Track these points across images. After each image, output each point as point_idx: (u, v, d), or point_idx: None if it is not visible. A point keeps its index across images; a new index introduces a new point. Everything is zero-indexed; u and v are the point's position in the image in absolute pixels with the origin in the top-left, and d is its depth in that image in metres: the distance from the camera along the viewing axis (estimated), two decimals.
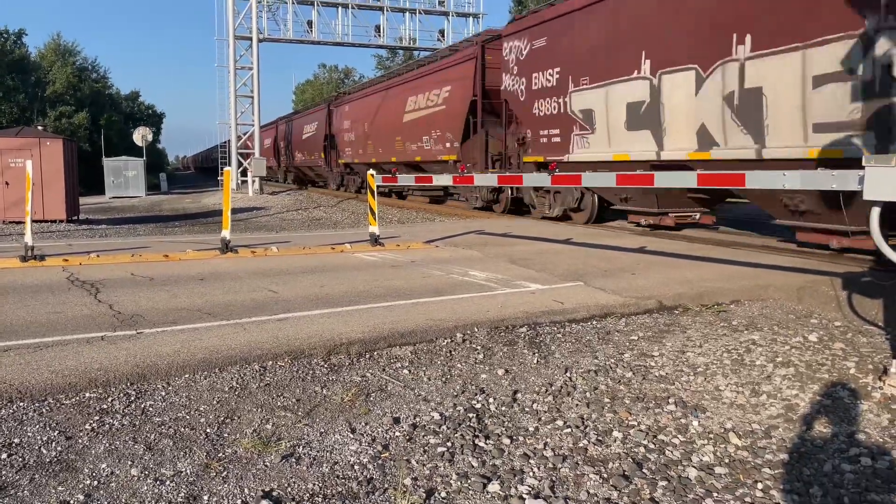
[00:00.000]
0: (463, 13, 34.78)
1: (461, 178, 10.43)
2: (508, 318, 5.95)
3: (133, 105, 63.40)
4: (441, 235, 12.36)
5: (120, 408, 3.89)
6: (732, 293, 7.03)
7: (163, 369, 4.45)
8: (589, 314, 6.20)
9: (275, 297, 6.75)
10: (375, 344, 5.20)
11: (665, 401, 4.11)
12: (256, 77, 32.53)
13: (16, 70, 38.94)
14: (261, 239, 12.35)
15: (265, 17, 32.03)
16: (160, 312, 5.96)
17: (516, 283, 7.63)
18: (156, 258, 9.12)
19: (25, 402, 3.91)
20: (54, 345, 4.91)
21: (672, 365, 4.80)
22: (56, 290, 6.86)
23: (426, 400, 4.13)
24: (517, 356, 5.01)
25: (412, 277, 7.97)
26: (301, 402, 4.06)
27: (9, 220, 17.02)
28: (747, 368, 4.70)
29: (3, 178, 17.11)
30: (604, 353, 5.06)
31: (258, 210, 24.81)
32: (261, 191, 32.61)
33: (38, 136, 18.09)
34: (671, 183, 7.00)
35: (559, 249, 10.46)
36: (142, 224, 19.32)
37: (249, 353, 4.83)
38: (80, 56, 48.82)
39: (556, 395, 4.22)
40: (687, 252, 9.90)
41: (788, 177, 5.09)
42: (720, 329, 5.74)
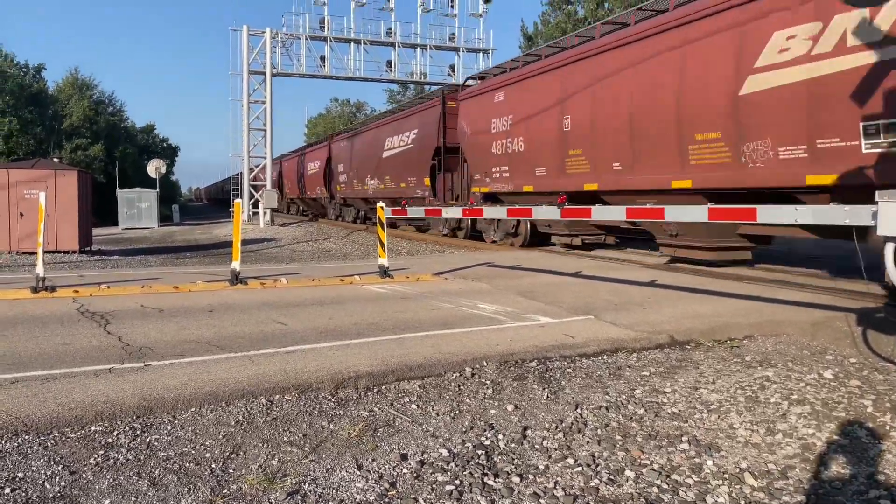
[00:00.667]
0: (473, 49, 35.24)
1: (471, 210, 10.48)
2: (518, 353, 5.89)
3: (148, 137, 64.22)
4: (450, 267, 12.34)
5: (125, 442, 3.85)
6: (745, 328, 6.95)
7: (169, 402, 4.42)
8: (599, 349, 6.14)
9: (283, 329, 6.72)
10: (384, 377, 5.15)
11: (678, 439, 4.03)
12: (269, 111, 32.98)
13: (34, 103, 39.60)
14: (271, 270, 12.38)
15: (279, 52, 32.59)
16: (168, 344, 5.95)
17: (526, 316, 7.58)
18: (166, 289, 9.13)
19: (31, 435, 3.88)
20: (62, 377, 4.89)
21: (685, 402, 4.71)
22: (66, 322, 6.87)
23: (434, 436, 4.07)
24: (527, 391, 4.94)
25: (421, 310, 7.93)
26: (308, 437, 4.01)
27: (22, 251, 17.16)
28: (762, 406, 4.61)
29: (18, 209, 17.29)
30: (615, 389, 4.99)
31: (269, 241, 24.92)
32: (272, 222, 32.82)
33: (53, 168, 18.31)
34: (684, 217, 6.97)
35: (568, 282, 10.41)
36: (153, 255, 19.42)
37: (257, 386, 4.79)
38: (97, 90, 49.65)
39: (566, 432, 4.14)
40: (698, 286, 9.82)
41: (801, 212, 5.05)
42: (733, 365, 5.65)
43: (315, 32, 32.70)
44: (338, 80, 34.83)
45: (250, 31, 32.11)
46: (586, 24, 35.52)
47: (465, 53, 35.10)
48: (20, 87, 38.59)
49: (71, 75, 47.35)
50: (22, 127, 36.98)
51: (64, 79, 47.24)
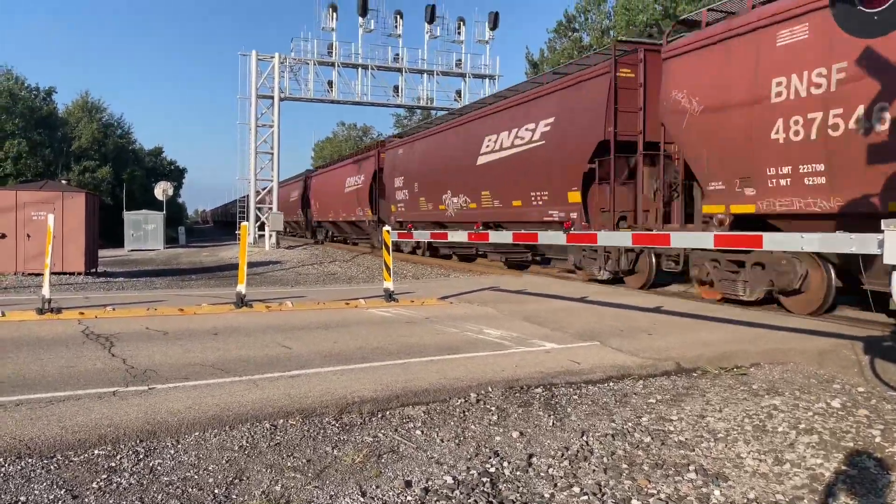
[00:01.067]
0: (479, 74, 35.58)
1: (476, 234, 10.49)
2: (523, 378, 5.86)
3: (155, 160, 64.74)
4: (455, 292, 12.33)
5: (128, 466, 3.83)
6: (752, 356, 6.90)
7: (173, 426, 4.40)
8: (605, 375, 6.10)
9: (288, 352, 6.71)
10: (388, 403, 5.13)
11: (685, 468, 3.99)
12: (277, 134, 33.25)
13: (43, 126, 40.04)
14: (276, 293, 12.38)
15: (287, 77, 32.96)
16: (173, 368, 5.94)
17: (531, 341, 7.55)
18: (171, 312, 9.14)
19: (34, 459, 3.87)
20: (66, 399, 4.89)
21: (692, 430, 4.67)
22: (71, 344, 6.87)
23: (439, 462, 4.04)
24: (532, 418, 4.91)
25: (426, 334, 7.91)
26: (311, 463, 3.98)
27: (28, 272, 17.22)
28: (769, 435, 4.57)
29: (25, 230, 17.39)
30: (621, 417, 4.95)
31: (274, 264, 24.96)
32: (277, 245, 32.91)
33: (61, 189, 18.45)
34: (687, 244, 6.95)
35: (574, 307, 10.38)
36: (159, 277, 19.46)
37: (261, 410, 4.77)
38: (107, 112, 50.23)
39: (572, 460, 4.11)
40: (704, 313, 9.78)
41: (807, 239, 5.04)
42: (740, 393, 5.61)
43: (323, 58, 33.08)
44: (345, 105, 35.17)
45: (259, 56, 32.50)
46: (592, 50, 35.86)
47: (472, 79, 35.45)
48: (30, 109, 39.04)
49: (81, 98, 47.94)
50: (31, 149, 37.35)
51: (74, 102, 47.87)
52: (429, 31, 34.36)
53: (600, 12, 40.60)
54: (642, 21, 34.92)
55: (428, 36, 34.44)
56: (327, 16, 33.04)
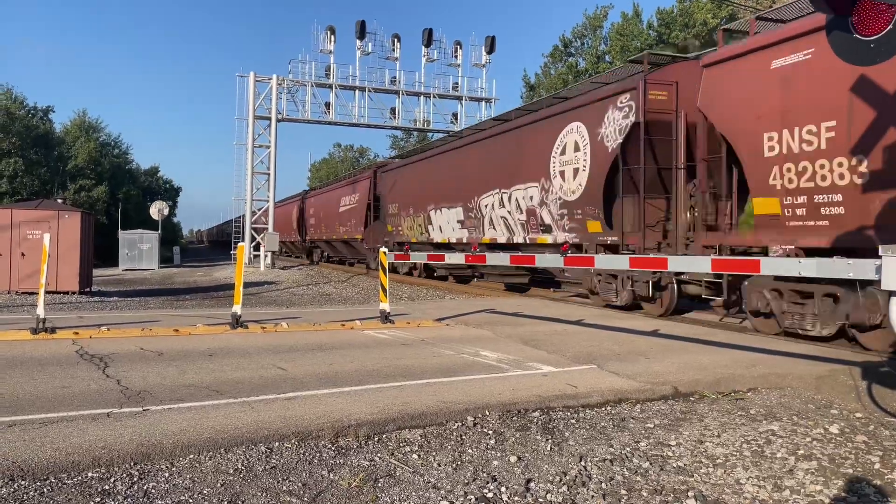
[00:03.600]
0: (476, 98, 35.87)
1: (474, 256, 10.51)
2: (521, 402, 5.83)
3: (151, 179, 64.79)
4: (451, 313, 12.30)
5: (122, 489, 3.79)
6: (749, 381, 6.89)
7: (167, 449, 4.35)
8: (603, 399, 6.07)
9: (283, 374, 6.67)
10: (384, 426, 5.09)
11: (684, 494, 3.96)
12: (274, 155, 33.37)
13: (40, 144, 40.11)
14: (271, 314, 12.33)
15: (284, 98, 33.15)
16: (168, 389, 5.89)
17: (528, 364, 7.52)
18: (166, 332, 9.09)
19: (27, 481, 3.82)
20: (59, 421, 4.83)
21: (690, 455, 4.65)
22: (65, 364, 6.82)
23: (436, 487, 4.00)
24: (530, 442, 4.87)
25: (422, 356, 7.88)
26: (307, 487, 3.94)
27: (22, 291, 17.13)
28: (768, 461, 4.55)
29: (20, 249, 17.34)
30: (619, 441, 4.92)
31: (269, 284, 24.90)
32: (272, 265, 32.87)
33: (56, 208, 18.43)
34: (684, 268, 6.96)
35: (571, 330, 10.36)
36: (153, 297, 19.38)
37: (256, 433, 4.73)
38: (104, 132, 50.35)
39: (570, 486, 4.07)
40: (701, 336, 9.77)
41: (804, 264, 5.06)
42: (738, 418, 5.59)
43: (321, 80, 33.33)
44: (342, 126, 35.38)
45: (257, 77, 32.72)
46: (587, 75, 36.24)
47: (468, 102, 35.71)
48: (27, 128, 39.12)
49: (78, 117, 48.07)
50: (27, 167, 37.39)
51: (72, 121, 47.99)
52: (426, 55, 34.70)
53: (596, 37, 41.11)
54: (636, 47, 35.37)
55: (425, 59, 34.78)
56: (325, 38, 33.36)
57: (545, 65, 44.37)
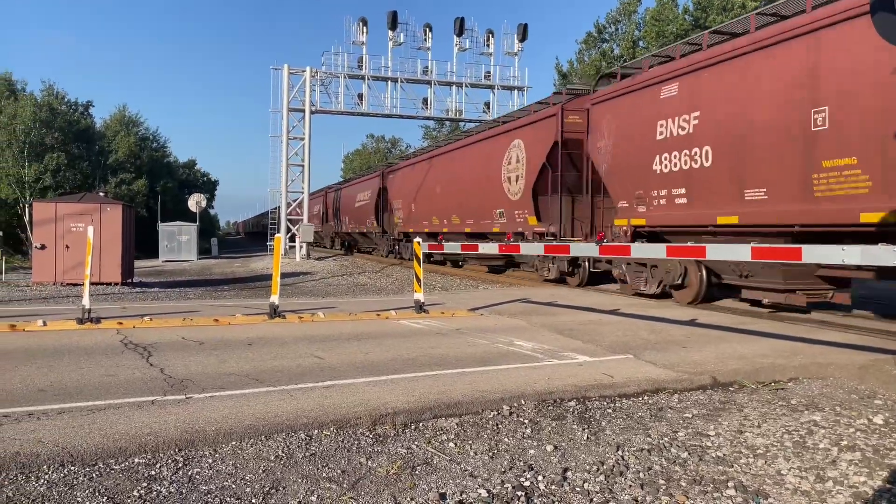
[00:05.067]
0: (508, 86, 35.62)
1: (507, 246, 10.45)
2: (556, 392, 5.82)
3: (189, 172, 65.93)
4: (485, 303, 12.31)
5: (167, 474, 3.89)
6: (790, 370, 6.77)
7: (210, 436, 4.46)
8: (640, 389, 6.04)
9: (321, 363, 6.76)
10: (421, 415, 5.13)
11: (724, 484, 3.92)
12: (308, 147, 33.63)
13: (81, 139, 41.01)
14: (307, 304, 12.49)
15: (318, 90, 33.36)
16: (209, 377, 6.02)
17: (563, 354, 7.50)
18: (206, 322, 9.27)
19: (76, 466, 3.95)
20: (106, 408, 4.98)
21: (730, 446, 4.60)
22: (110, 353, 7.01)
23: (473, 475, 4.03)
24: (566, 432, 4.87)
25: (457, 346, 7.91)
26: (346, 474, 4.00)
27: (67, 283, 17.61)
28: (810, 452, 4.48)
29: (64, 241, 17.80)
30: (657, 431, 4.89)
31: (305, 275, 25.19)
32: (307, 256, 33.22)
33: (99, 201, 18.85)
34: (723, 256, 6.88)
35: (606, 320, 10.29)
36: (192, 288, 19.75)
37: (295, 421, 4.81)
38: (143, 126, 51.33)
39: (608, 475, 4.07)
40: (740, 326, 9.62)
41: (847, 251, 4.95)
42: (779, 408, 5.50)
43: (353, 71, 33.43)
44: (375, 118, 35.48)
45: (291, 69, 32.95)
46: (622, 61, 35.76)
47: (500, 91, 35.51)
48: (69, 123, 40.03)
49: (119, 112, 49.05)
50: (70, 162, 38.25)
51: (112, 115, 48.99)
52: (458, 44, 34.55)
53: (631, 23, 40.46)
54: (672, 32, 34.72)
55: (457, 48, 34.64)
56: (358, 30, 33.43)
57: (579, 52, 43.86)
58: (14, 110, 36.72)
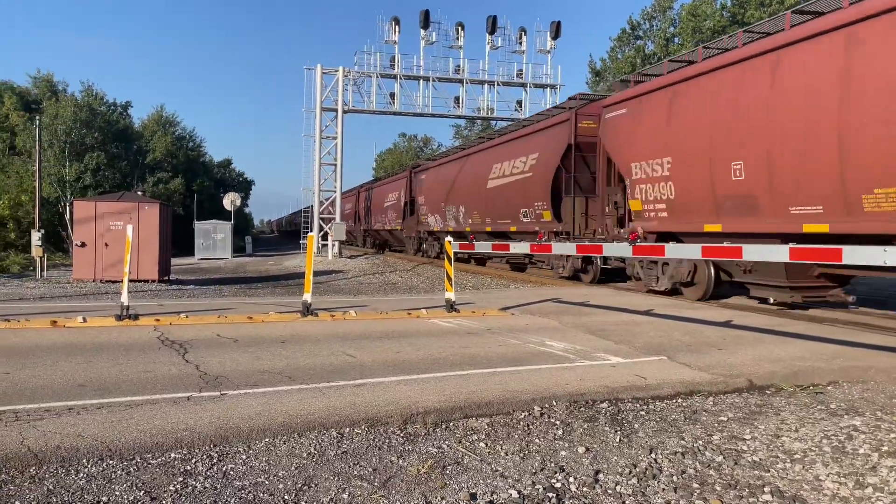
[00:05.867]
0: (540, 84, 35.44)
1: (539, 245, 10.40)
2: (588, 393, 5.78)
3: (224, 171, 66.91)
4: (516, 303, 12.27)
5: (203, 470, 3.96)
6: (829, 373, 6.63)
7: (244, 432, 4.52)
8: (674, 391, 5.96)
9: (352, 361, 6.81)
10: (451, 414, 5.14)
11: (760, 489, 3.85)
12: (340, 146, 33.89)
13: (120, 139, 41.93)
14: (339, 302, 12.58)
15: (350, 90, 33.59)
16: (243, 374, 6.11)
17: (595, 355, 7.44)
18: (240, 320, 9.40)
19: (114, 461, 4.03)
20: (144, 403, 5.08)
21: (766, 450, 4.51)
22: (147, 350, 7.15)
23: (503, 476, 4.02)
24: (598, 433, 4.83)
25: (488, 346, 7.90)
26: (377, 472, 4.02)
27: (105, 280, 18.00)
28: (850, 457, 4.37)
29: (104, 239, 18.20)
30: (691, 434, 4.82)
31: (337, 273, 25.39)
32: (340, 254, 33.47)
33: (137, 200, 19.25)
34: (759, 257, 6.76)
35: (639, 321, 10.18)
36: (227, 285, 20.05)
37: (328, 418, 4.85)
38: (180, 126, 52.25)
39: (640, 478, 4.02)
40: (777, 328, 9.44)
41: (889, 252, 4.82)
42: (817, 412, 5.39)
43: (385, 70, 33.60)
44: (406, 117, 35.62)
45: (324, 69, 33.24)
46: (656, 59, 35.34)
47: (532, 89, 35.34)
48: (108, 123, 40.94)
49: (156, 112, 50.03)
50: (109, 161, 39.12)
51: (149, 116, 49.99)
52: (490, 42, 34.50)
53: (665, 19, 39.94)
54: (709, 28, 34.18)
55: (489, 47, 34.59)
56: (390, 29, 33.58)
57: (612, 49, 43.44)
58: (56, 111, 37.71)
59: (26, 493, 3.55)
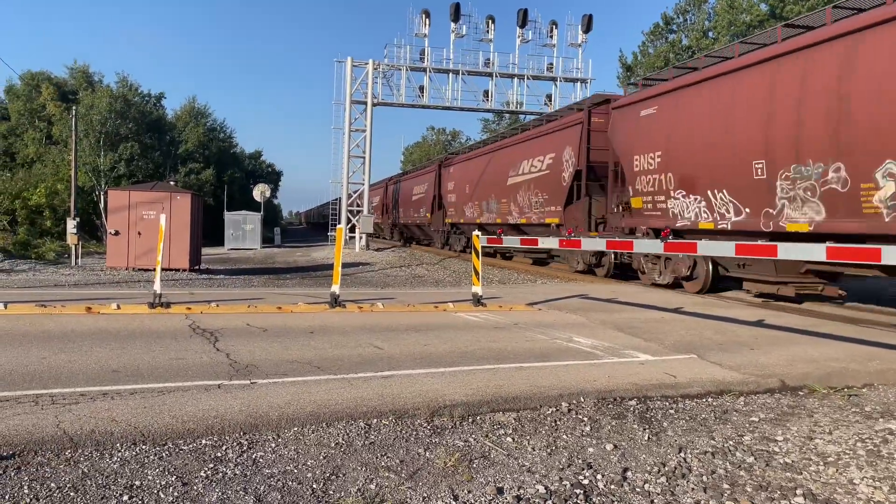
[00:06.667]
0: (570, 78, 35.14)
1: (568, 241, 10.33)
2: (616, 390, 5.73)
3: (254, 163, 67.53)
4: (543, 298, 12.22)
5: (233, 457, 4.01)
6: (864, 376, 6.49)
7: (273, 421, 4.57)
8: (704, 390, 5.89)
9: (380, 353, 6.84)
10: (478, 408, 5.14)
11: (792, 492, 3.79)
12: (369, 139, 33.99)
13: (153, 129, 42.54)
14: (366, 294, 12.65)
15: (380, 83, 33.64)
16: (272, 364, 6.17)
17: (623, 352, 7.38)
18: (269, 310, 9.50)
19: (147, 446, 4.10)
20: (176, 390, 5.16)
21: (798, 452, 4.44)
22: (179, 337, 7.26)
23: (530, 471, 4.01)
24: (626, 431, 4.79)
25: (515, 340, 7.88)
26: (404, 464, 4.03)
27: (138, 268, 18.31)
28: (885, 461, 4.28)
29: (136, 228, 18.51)
30: (721, 434, 4.76)
31: (364, 266, 25.51)
32: (367, 247, 33.62)
33: (169, 190, 19.53)
34: (796, 255, 6.64)
35: (668, 318, 10.07)
36: (256, 275, 20.27)
37: (355, 409, 4.88)
38: (211, 118, 52.79)
39: (669, 477, 3.98)
40: (810, 328, 9.27)
41: None
42: (852, 415, 5.28)
43: (415, 63, 33.57)
44: (435, 110, 35.57)
45: (354, 62, 33.34)
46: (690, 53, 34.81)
47: (563, 83, 35.07)
48: (142, 114, 41.55)
49: (188, 103, 50.61)
50: (142, 152, 39.72)
51: (182, 107, 50.59)
52: (520, 35, 34.26)
53: (701, 12, 39.33)
54: (745, 22, 33.57)
55: (519, 40, 34.35)
56: (420, 22, 33.54)
57: (643, 44, 42.91)
58: (91, 101, 38.35)
59: (62, 476, 3.63)
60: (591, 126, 18.30)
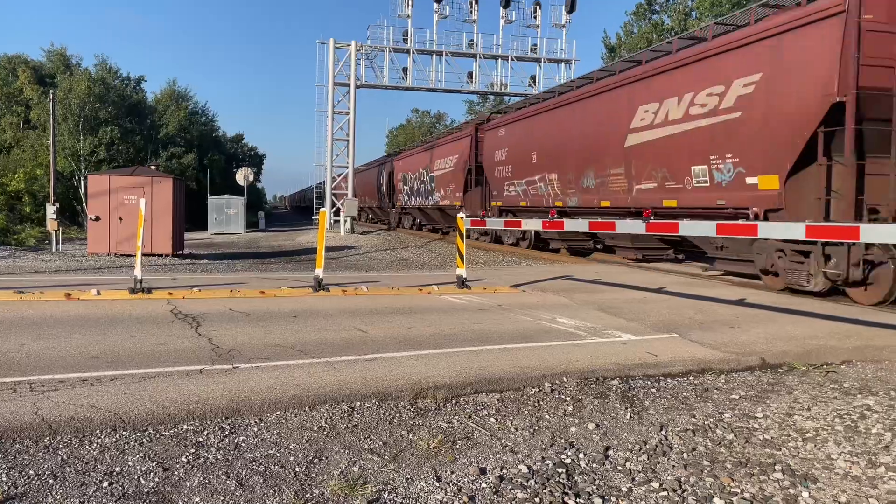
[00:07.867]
0: (555, 59, 35.03)
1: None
2: (599, 370, 5.77)
3: (236, 146, 66.83)
4: (528, 280, 12.25)
5: (214, 441, 3.99)
6: (843, 353, 6.57)
7: (256, 405, 4.55)
8: (685, 369, 5.94)
9: (364, 336, 6.83)
10: (462, 389, 5.15)
11: (771, 467, 3.83)
12: (353, 121, 33.76)
13: (133, 113, 41.94)
14: (351, 278, 12.61)
15: (363, 64, 33.36)
16: (255, 348, 6.14)
17: (606, 332, 7.42)
18: (252, 294, 9.45)
19: (128, 432, 4.08)
20: (157, 376, 5.12)
21: (778, 428, 4.49)
22: (160, 323, 7.20)
23: (513, 451, 4.03)
24: (608, 410, 4.83)
25: (499, 322, 7.90)
26: (387, 446, 4.04)
27: (120, 254, 18.14)
28: (862, 436, 4.34)
29: (117, 213, 18.31)
30: (702, 412, 4.81)
31: (349, 249, 25.44)
32: (352, 230, 33.50)
33: (150, 175, 19.30)
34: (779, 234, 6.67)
35: (650, 298, 10.14)
36: (240, 260, 20.15)
37: (339, 392, 4.88)
38: (192, 101, 52.10)
39: (650, 454, 4.02)
40: (790, 306, 9.37)
41: None
42: (830, 391, 5.35)
43: (398, 45, 33.30)
44: (419, 92, 35.35)
45: (336, 43, 33.00)
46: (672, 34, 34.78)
47: (547, 64, 34.94)
48: (121, 97, 40.93)
49: (169, 87, 49.90)
50: (122, 136, 39.18)
51: (162, 90, 49.86)
52: (504, 16, 34.06)
53: None
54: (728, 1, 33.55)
55: (503, 21, 34.15)
56: (403, 2, 33.20)
57: (626, 24, 42.82)
58: (69, 84, 37.73)
59: (40, 463, 3.60)
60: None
